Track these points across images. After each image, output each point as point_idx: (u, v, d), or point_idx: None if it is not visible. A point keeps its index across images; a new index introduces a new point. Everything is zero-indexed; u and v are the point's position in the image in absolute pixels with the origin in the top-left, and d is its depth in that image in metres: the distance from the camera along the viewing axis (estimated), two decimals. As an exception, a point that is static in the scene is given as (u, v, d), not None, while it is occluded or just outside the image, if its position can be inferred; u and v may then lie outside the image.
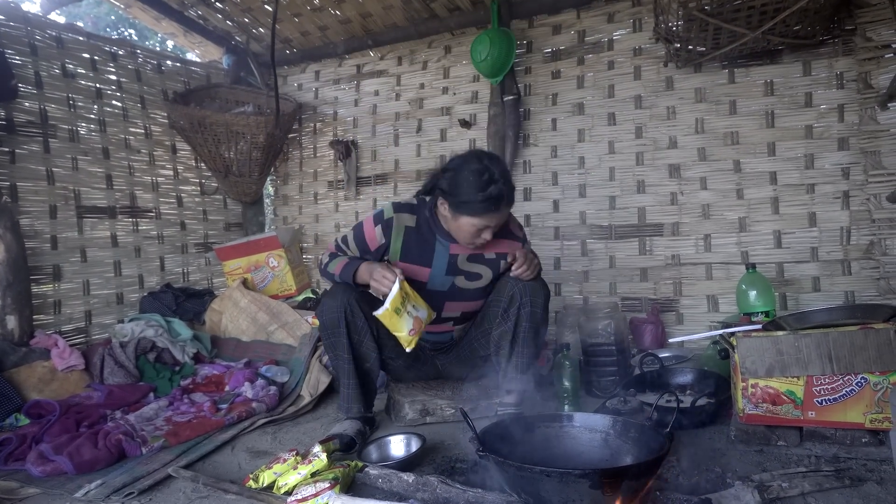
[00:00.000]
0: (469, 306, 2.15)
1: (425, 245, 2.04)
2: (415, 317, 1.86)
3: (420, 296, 1.95)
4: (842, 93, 2.78)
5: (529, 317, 1.99)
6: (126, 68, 3.48)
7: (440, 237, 2.04)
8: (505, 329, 2.03)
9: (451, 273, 2.05)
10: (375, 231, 2.03)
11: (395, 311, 1.81)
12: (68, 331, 3.06)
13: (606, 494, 1.21)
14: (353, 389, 2.05)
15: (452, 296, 2.08)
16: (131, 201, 3.45)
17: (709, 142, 3.03)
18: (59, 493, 1.72)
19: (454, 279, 2.06)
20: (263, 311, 3.17)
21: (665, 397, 2.11)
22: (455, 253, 2.04)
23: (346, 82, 3.97)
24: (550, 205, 3.37)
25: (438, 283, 2.06)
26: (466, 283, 2.08)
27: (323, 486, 1.53)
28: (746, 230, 2.97)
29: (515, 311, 1.99)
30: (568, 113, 3.33)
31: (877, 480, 1.53)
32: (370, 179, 3.88)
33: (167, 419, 2.30)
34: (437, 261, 2.03)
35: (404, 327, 1.85)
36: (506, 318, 2.02)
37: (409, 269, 2.02)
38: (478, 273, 2.08)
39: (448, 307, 2.11)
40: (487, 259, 2.08)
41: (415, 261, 2.03)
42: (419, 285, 2.02)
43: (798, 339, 1.72)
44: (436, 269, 2.04)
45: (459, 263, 2.05)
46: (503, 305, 2.03)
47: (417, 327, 1.86)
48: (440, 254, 2.03)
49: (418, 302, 1.90)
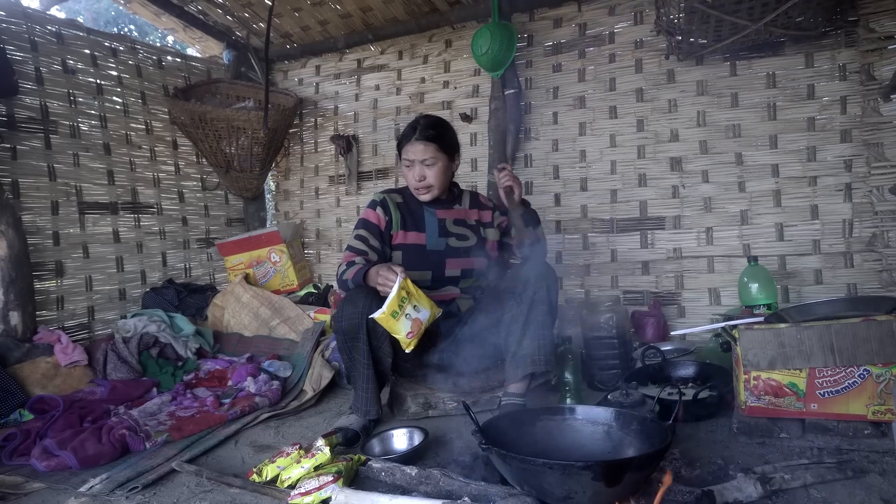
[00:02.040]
0: (467, 263, 2.30)
1: (415, 215, 2.30)
2: (414, 318, 1.87)
3: (423, 258, 2.22)
4: (844, 84, 2.77)
5: (546, 300, 2.04)
6: (126, 64, 3.47)
7: (426, 206, 2.31)
8: (517, 312, 2.06)
9: (443, 235, 2.29)
10: (377, 213, 2.27)
11: (391, 314, 1.83)
12: (71, 327, 3.07)
13: (609, 487, 1.21)
14: (371, 394, 2.09)
15: (450, 254, 2.28)
16: (133, 197, 3.45)
17: (710, 134, 3.02)
18: (63, 487, 1.73)
19: (447, 240, 2.29)
20: (265, 306, 3.18)
21: (667, 390, 2.12)
22: (442, 217, 2.30)
23: (347, 77, 3.97)
24: (552, 198, 3.37)
25: (435, 244, 2.28)
26: (458, 243, 2.30)
27: (326, 480, 1.53)
28: (748, 223, 2.96)
29: (530, 295, 2.04)
30: (569, 106, 3.33)
31: (879, 472, 1.54)
32: (371, 174, 3.88)
33: (170, 414, 2.31)
34: (430, 225, 2.28)
35: (402, 330, 1.86)
36: (519, 302, 2.07)
37: (409, 235, 2.27)
38: (464, 234, 2.32)
39: (449, 264, 2.28)
40: (469, 224, 2.35)
41: (412, 228, 2.28)
42: (420, 248, 2.25)
43: (800, 331, 1.72)
44: (430, 232, 2.28)
45: (448, 226, 2.30)
46: (517, 290, 2.09)
47: (416, 329, 1.88)
48: (430, 219, 2.29)
49: (421, 301, 1.91)
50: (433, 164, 2.20)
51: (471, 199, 2.40)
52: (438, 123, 2.27)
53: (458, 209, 2.34)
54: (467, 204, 2.38)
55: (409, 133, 2.22)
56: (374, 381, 2.09)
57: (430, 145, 2.19)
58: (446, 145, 2.23)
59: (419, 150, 2.19)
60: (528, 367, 2.02)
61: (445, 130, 2.27)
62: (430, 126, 2.22)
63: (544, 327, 2.04)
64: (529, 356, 2.02)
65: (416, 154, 2.19)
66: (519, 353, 2.05)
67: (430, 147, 2.19)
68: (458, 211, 2.34)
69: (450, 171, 2.28)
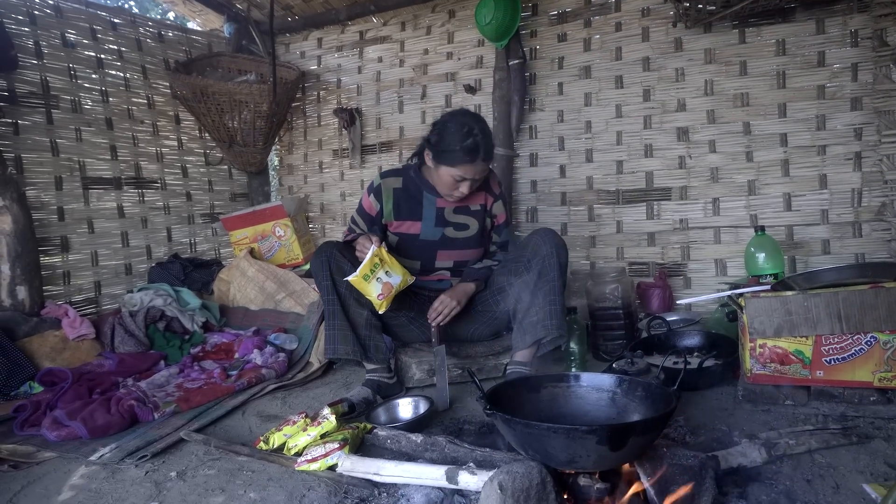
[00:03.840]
0: (461, 255, 2.27)
1: (413, 201, 2.22)
2: (385, 282, 2.00)
3: (414, 247, 2.22)
4: (856, 51, 2.71)
5: (556, 266, 2.03)
6: (126, 38, 3.44)
7: (427, 192, 2.21)
8: (527, 279, 2.06)
9: (440, 224, 2.22)
10: (370, 200, 2.23)
11: (363, 277, 1.97)
12: (78, 301, 3.09)
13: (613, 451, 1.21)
14: (336, 331, 2.09)
15: (444, 245, 2.24)
16: (136, 172, 3.44)
17: (718, 104, 2.98)
18: (74, 456, 1.76)
19: (444, 230, 2.22)
20: (271, 280, 3.18)
21: (672, 359, 2.12)
22: (442, 206, 2.21)
23: (349, 49, 3.92)
24: (557, 170, 3.34)
25: (430, 234, 2.23)
26: (455, 233, 2.23)
27: (332, 447, 1.55)
28: (756, 193, 2.93)
29: (540, 262, 2.04)
30: (574, 76, 3.28)
31: (884, 437, 1.54)
32: (375, 147, 3.85)
33: (178, 386, 2.33)
34: (427, 214, 2.21)
35: (373, 291, 1.99)
36: (528, 269, 2.06)
37: (403, 224, 2.22)
38: (465, 224, 2.24)
39: (441, 255, 2.25)
40: (473, 210, 2.24)
41: (406, 217, 2.22)
42: (412, 238, 2.22)
43: (807, 298, 1.71)
44: (426, 222, 2.21)
45: (447, 215, 2.22)
46: (526, 257, 2.08)
47: (387, 292, 2.00)
48: (428, 208, 2.21)
49: (394, 268, 2.03)
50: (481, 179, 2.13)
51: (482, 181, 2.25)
52: (490, 134, 2.09)
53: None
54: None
55: (472, 150, 1.99)
56: (342, 319, 2.08)
57: (488, 163, 2.10)
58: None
59: (480, 170, 2.06)
60: (539, 333, 2.01)
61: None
62: (490, 143, 2.07)
63: (554, 293, 2.02)
64: (540, 322, 2.01)
65: (477, 174, 2.06)
66: (526, 320, 2.04)
67: (488, 165, 2.11)
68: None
69: None
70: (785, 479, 1.36)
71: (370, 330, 2.13)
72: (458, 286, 2.21)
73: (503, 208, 2.30)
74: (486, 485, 1.17)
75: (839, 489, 1.31)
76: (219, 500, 1.46)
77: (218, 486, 1.53)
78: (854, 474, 1.36)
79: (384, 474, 1.41)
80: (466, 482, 1.29)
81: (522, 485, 1.15)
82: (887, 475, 1.35)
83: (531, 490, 1.16)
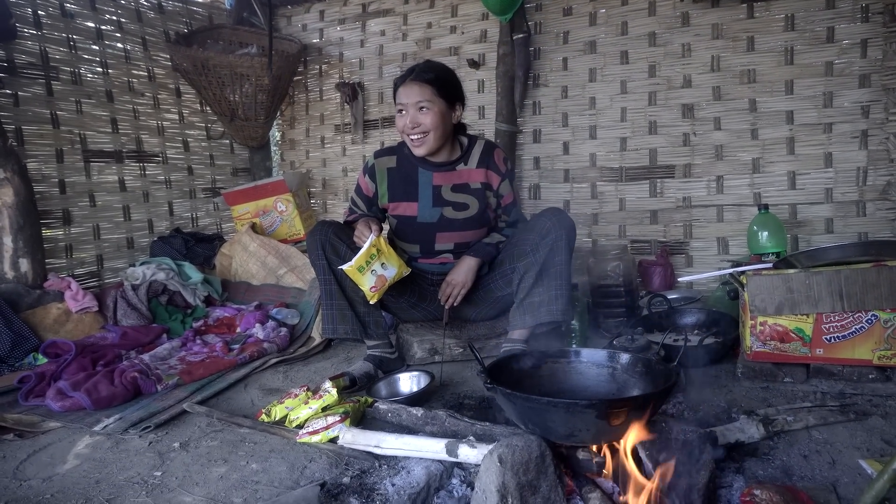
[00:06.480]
0: (462, 237, 2.19)
1: (408, 179, 2.15)
2: (379, 275, 1.97)
3: (412, 230, 2.17)
4: (866, 26, 2.67)
5: (565, 250, 1.99)
6: (126, 8, 3.39)
7: (421, 168, 2.14)
8: (534, 259, 2.00)
9: (437, 204, 2.14)
10: (366, 181, 2.19)
11: (358, 268, 1.93)
12: (81, 274, 3.09)
13: (612, 425, 1.22)
14: (334, 311, 2.08)
15: (442, 227, 2.16)
16: (137, 146, 3.42)
17: (724, 80, 2.95)
18: (78, 426, 1.77)
19: (442, 210, 2.14)
20: (273, 255, 3.19)
21: (672, 336, 2.13)
22: (438, 184, 2.13)
23: (352, 22, 3.86)
24: (560, 147, 3.31)
25: (427, 216, 2.15)
26: (455, 214, 2.15)
27: (334, 420, 1.56)
28: (760, 171, 2.92)
29: (549, 244, 1.97)
30: (579, 52, 3.24)
31: (882, 414, 1.55)
32: (377, 122, 3.82)
33: (181, 359, 2.34)
34: (423, 193, 2.14)
35: (366, 283, 1.96)
36: (535, 250, 2.00)
37: (399, 206, 2.16)
38: (464, 203, 2.15)
39: (440, 238, 2.18)
40: (473, 189, 2.14)
41: (402, 198, 2.16)
42: (410, 220, 2.16)
43: (809, 276, 1.71)
44: (422, 202, 2.14)
45: (444, 194, 2.14)
46: (534, 239, 2.01)
47: (380, 285, 1.98)
48: (424, 185, 2.13)
49: (390, 260, 2.00)
50: (429, 110, 1.98)
51: (481, 156, 2.13)
52: (439, 67, 2.07)
53: (460, 170, 2.13)
54: (475, 162, 2.13)
55: (404, 75, 2.03)
56: (340, 298, 2.06)
57: (427, 87, 1.98)
58: (445, 89, 2.01)
59: (414, 92, 1.98)
60: (543, 317, 1.99)
61: (446, 74, 2.07)
62: (429, 69, 2.03)
63: (561, 277, 1.99)
64: (544, 305, 1.99)
65: (410, 97, 1.98)
66: (528, 301, 2.03)
67: (427, 89, 1.98)
68: (461, 173, 2.13)
69: (449, 121, 2.05)
70: (782, 454, 1.37)
71: (369, 307, 2.09)
72: (462, 262, 2.14)
73: (510, 188, 2.18)
74: (485, 458, 1.18)
75: (835, 465, 1.32)
76: (221, 471, 1.48)
77: (220, 457, 1.55)
78: (851, 450, 1.38)
79: (385, 447, 1.43)
80: (466, 455, 1.31)
81: (522, 458, 1.16)
82: (884, 451, 1.36)
83: (530, 463, 1.17)
